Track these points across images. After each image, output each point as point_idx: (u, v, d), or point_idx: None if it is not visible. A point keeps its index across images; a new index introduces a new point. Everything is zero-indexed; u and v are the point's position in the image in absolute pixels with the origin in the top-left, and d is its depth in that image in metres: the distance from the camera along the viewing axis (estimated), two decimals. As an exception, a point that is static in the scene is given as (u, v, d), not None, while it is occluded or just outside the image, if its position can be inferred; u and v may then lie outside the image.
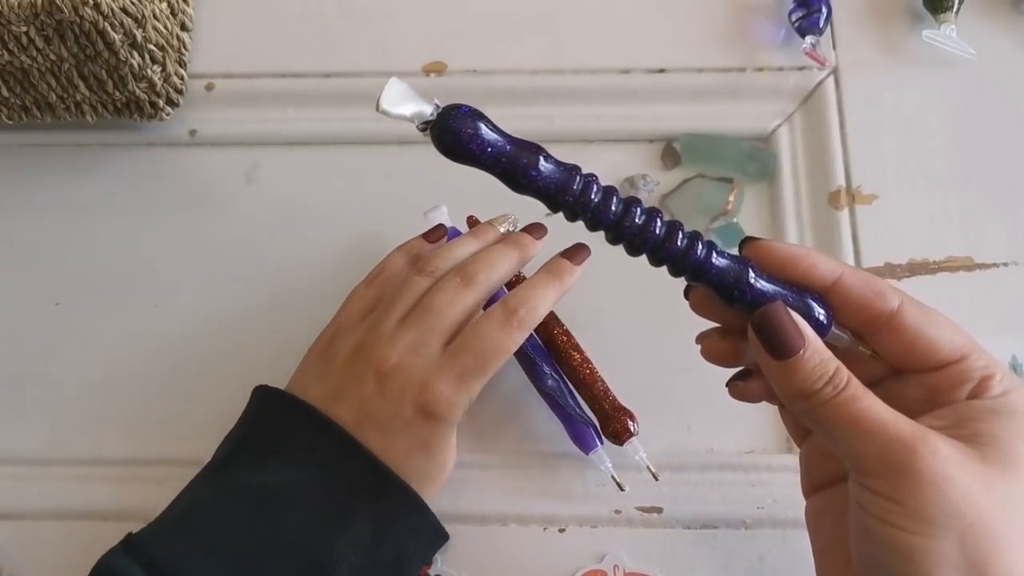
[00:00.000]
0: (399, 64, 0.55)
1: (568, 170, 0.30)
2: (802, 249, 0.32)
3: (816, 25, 0.52)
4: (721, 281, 0.30)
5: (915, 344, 0.30)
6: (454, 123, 0.29)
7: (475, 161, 0.29)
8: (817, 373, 0.29)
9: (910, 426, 0.28)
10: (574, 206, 0.30)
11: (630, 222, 0.30)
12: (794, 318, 0.30)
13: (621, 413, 0.45)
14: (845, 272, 0.31)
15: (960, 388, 0.30)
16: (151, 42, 0.49)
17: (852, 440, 0.29)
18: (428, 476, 0.40)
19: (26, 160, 0.55)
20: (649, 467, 0.44)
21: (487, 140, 0.29)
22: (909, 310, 0.30)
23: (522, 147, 0.30)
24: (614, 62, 0.54)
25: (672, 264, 0.31)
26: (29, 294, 0.52)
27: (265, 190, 0.54)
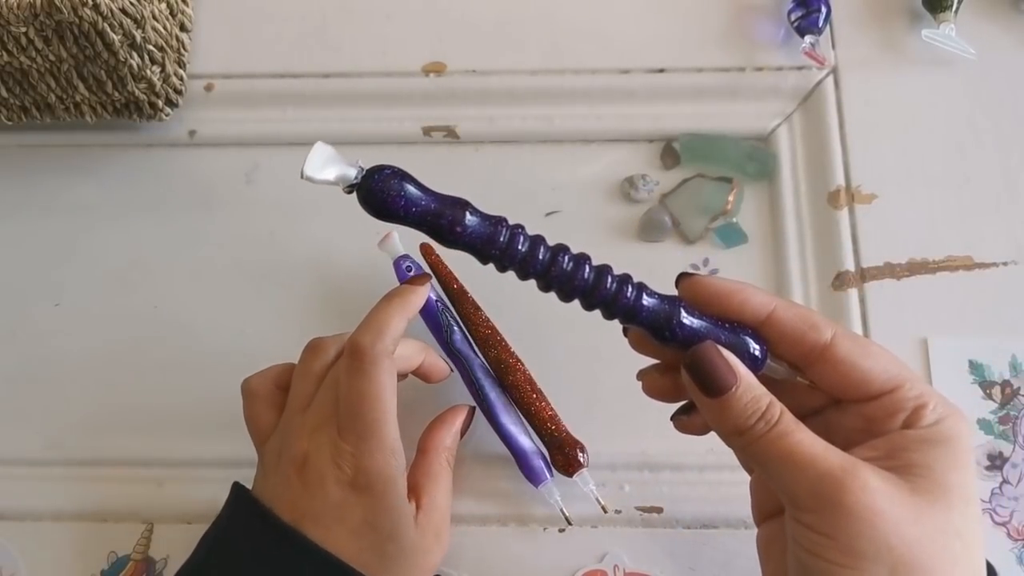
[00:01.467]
0: (399, 64, 0.55)
1: (494, 223, 0.30)
2: (735, 284, 0.32)
3: (815, 25, 0.52)
4: (653, 322, 0.31)
5: (849, 375, 0.30)
6: (377, 185, 0.30)
7: (401, 220, 0.30)
8: (749, 410, 0.30)
9: (840, 459, 0.28)
10: (502, 258, 0.31)
11: (558, 270, 0.30)
12: (725, 356, 0.30)
13: (572, 444, 0.45)
14: (779, 306, 0.31)
15: (894, 418, 0.30)
16: (150, 43, 0.49)
17: (784, 475, 0.29)
18: (387, 554, 0.38)
19: (25, 161, 0.55)
20: (598, 499, 0.44)
21: (411, 199, 0.30)
22: (842, 342, 0.31)
23: (447, 204, 0.30)
24: (614, 62, 0.54)
25: (603, 308, 0.31)
26: (29, 294, 0.52)
27: (264, 190, 0.54)
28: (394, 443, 0.38)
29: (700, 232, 0.51)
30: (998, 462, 0.46)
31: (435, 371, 0.45)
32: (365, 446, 0.37)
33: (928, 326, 0.48)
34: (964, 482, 0.29)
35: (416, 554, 0.39)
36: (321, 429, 0.38)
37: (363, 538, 0.37)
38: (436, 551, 0.40)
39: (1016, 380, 0.47)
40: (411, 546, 0.38)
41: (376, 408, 0.37)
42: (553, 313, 0.50)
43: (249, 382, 0.42)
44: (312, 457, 0.38)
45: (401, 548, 0.38)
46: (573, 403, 0.46)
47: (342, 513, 0.37)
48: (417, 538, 0.39)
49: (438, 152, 0.54)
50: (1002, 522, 0.45)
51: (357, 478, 0.37)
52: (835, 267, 0.49)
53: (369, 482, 0.37)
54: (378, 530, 0.37)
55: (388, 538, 0.38)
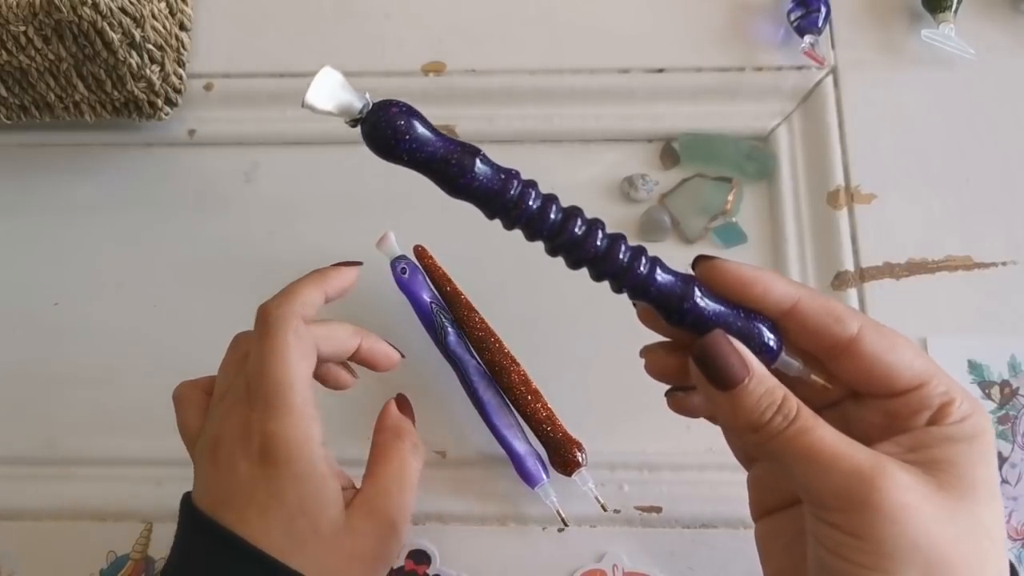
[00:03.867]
0: (398, 64, 0.55)
1: (507, 174, 0.28)
2: (757, 272, 0.30)
3: (815, 24, 0.52)
4: (664, 300, 0.29)
5: (874, 371, 0.29)
6: (385, 120, 0.27)
7: (408, 160, 0.28)
8: (764, 404, 0.28)
9: (867, 456, 0.27)
10: (511, 212, 0.28)
11: (568, 233, 0.28)
12: (737, 347, 0.29)
13: (569, 444, 0.45)
14: (802, 297, 0.30)
15: (919, 415, 0.29)
16: (150, 42, 0.49)
17: (806, 474, 0.27)
18: (297, 532, 0.34)
19: (25, 160, 0.55)
20: (598, 498, 0.44)
21: (421, 138, 0.28)
22: (868, 336, 0.29)
23: (458, 148, 0.28)
24: (613, 62, 0.54)
25: (613, 279, 0.29)
26: (28, 294, 0.52)
27: (264, 190, 0.54)
28: (303, 407, 0.34)
29: (700, 232, 0.51)
30: (997, 462, 0.46)
31: (380, 356, 0.40)
32: (271, 411, 0.34)
33: (927, 326, 0.48)
34: (990, 477, 0.28)
35: (339, 536, 0.34)
36: (233, 409, 0.36)
37: (270, 514, 0.34)
38: (375, 538, 0.36)
39: (1015, 380, 0.47)
40: (331, 525, 0.34)
41: (280, 368, 0.34)
42: (550, 313, 0.50)
43: (177, 389, 0.40)
44: (223, 438, 0.35)
45: (315, 526, 0.34)
46: (572, 402, 0.46)
47: (251, 490, 0.34)
48: (340, 517, 0.35)
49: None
50: (1001, 522, 0.45)
51: (264, 447, 0.34)
52: (834, 267, 0.49)
53: (275, 448, 0.34)
54: (285, 504, 0.34)
55: (298, 512, 0.34)
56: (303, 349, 0.35)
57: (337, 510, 0.35)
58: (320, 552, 0.34)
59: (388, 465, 0.38)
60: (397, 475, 0.38)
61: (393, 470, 0.38)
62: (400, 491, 0.37)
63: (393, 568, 0.45)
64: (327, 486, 0.35)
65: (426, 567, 0.45)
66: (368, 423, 0.42)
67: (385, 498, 0.37)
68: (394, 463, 0.38)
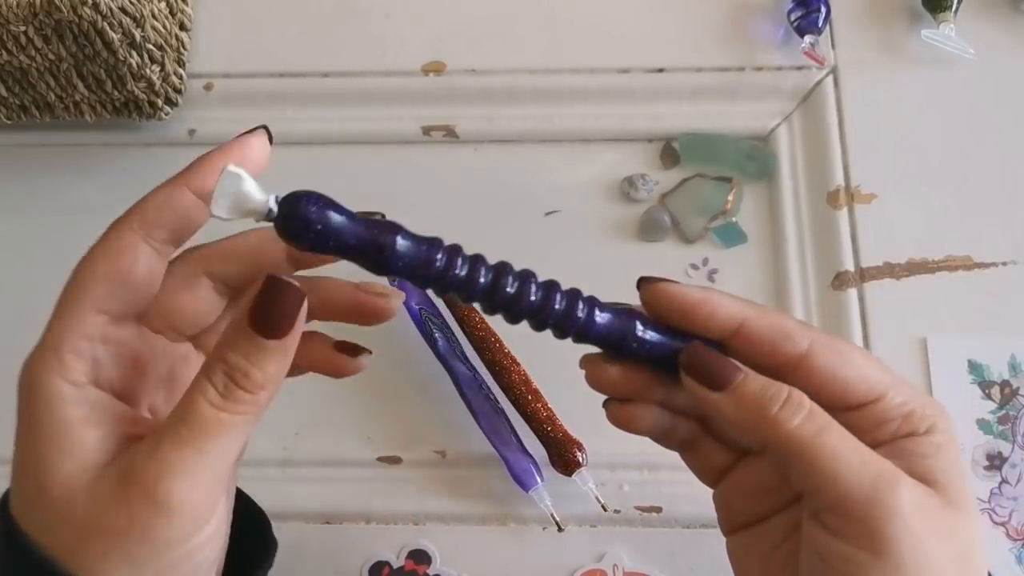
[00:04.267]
0: (398, 63, 0.55)
1: (429, 246, 0.28)
2: (702, 293, 0.29)
3: (815, 24, 0.52)
4: (607, 340, 0.29)
5: (828, 386, 0.28)
6: (298, 214, 0.26)
7: (327, 250, 0.27)
8: (767, 394, 0.28)
9: (879, 468, 0.27)
10: (439, 282, 0.28)
11: (501, 292, 0.28)
12: (718, 353, 0.29)
13: (569, 444, 0.45)
14: (749, 316, 0.29)
15: (882, 428, 0.28)
16: (150, 42, 0.49)
17: (824, 474, 0.27)
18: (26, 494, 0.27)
19: (25, 160, 0.55)
20: (598, 498, 0.44)
21: (336, 228, 0.27)
22: (820, 352, 0.28)
23: (376, 229, 0.27)
24: (613, 62, 0.54)
25: (553, 328, 0.29)
26: (28, 294, 0.52)
27: (264, 190, 0.54)
28: (83, 327, 0.27)
29: (699, 232, 0.51)
30: (997, 462, 0.46)
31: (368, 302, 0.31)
32: (50, 328, 0.28)
33: (927, 326, 0.48)
34: (971, 488, 0.28)
35: (73, 499, 0.26)
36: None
37: (13, 467, 0.27)
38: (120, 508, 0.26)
39: (1015, 380, 0.47)
40: (63, 485, 0.26)
41: (85, 270, 0.29)
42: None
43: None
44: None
45: (41, 484, 0.26)
46: (572, 402, 0.46)
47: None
48: (82, 475, 0.26)
49: (437, 152, 0.54)
50: (1001, 522, 0.45)
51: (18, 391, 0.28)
52: (835, 267, 0.49)
53: (21, 382, 0.27)
54: (18, 452, 0.27)
55: (24, 466, 0.27)
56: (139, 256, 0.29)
57: (77, 466, 0.26)
58: (48, 517, 0.26)
59: (174, 411, 0.26)
60: (176, 427, 0.26)
61: (175, 419, 0.26)
62: (174, 447, 0.26)
63: (393, 567, 0.45)
64: (68, 435, 0.26)
65: (426, 567, 0.45)
66: (349, 417, 0.42)
67: (148, 456, 0.26)
68: (182, 407, 0.26)
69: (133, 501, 0.26)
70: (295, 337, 0.27)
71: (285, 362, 0.27)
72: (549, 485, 0.45)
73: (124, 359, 0.28)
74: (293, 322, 0.26)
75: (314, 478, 0.47)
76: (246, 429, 0.27)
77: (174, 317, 0.30)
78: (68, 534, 0.26)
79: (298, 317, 0.26)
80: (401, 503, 0.47)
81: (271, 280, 0.26)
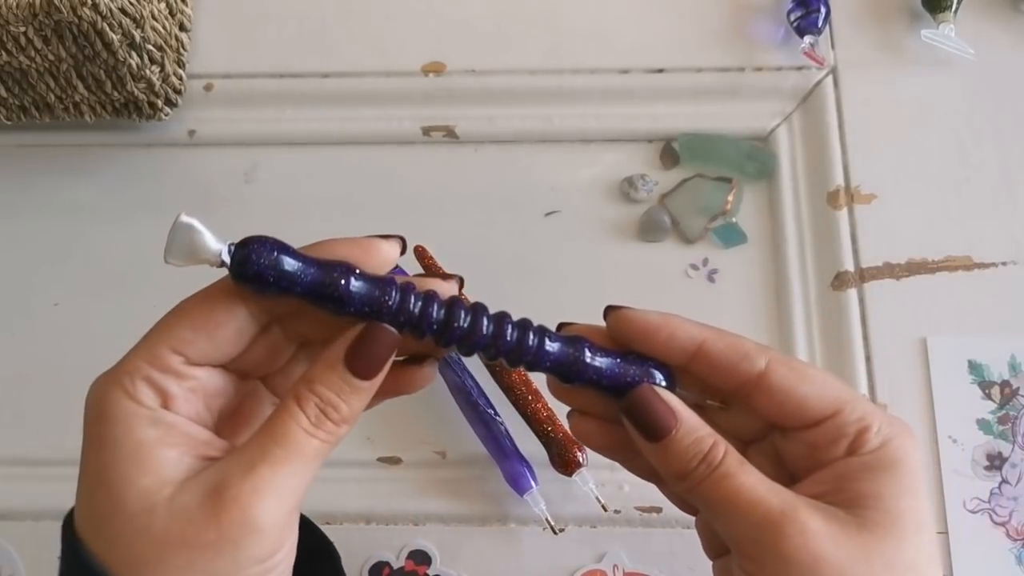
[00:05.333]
0: (398, 64, 0.55)
1: (382, 287, 0.28)
2: (661, 318, 0.30)
3: (815, 25, 0.52)
4: (557, 367, 0.30)
5: (785, 404, 0.29)
6: (251, 260, 0.27)
7: (281, 294, 0.28)
8: (691, 452, 0.28)
9: (779, 501, 0.27)
10: (394, 320, 0.29)
11: (454, 328, 0.29)
12: (664, 397, 0.29)
13: (570, 444, 0.45)
14: (708, 338, 0.30)
15: (837, 444, 0.28)
16: (149, 42, 0.49)
17: (726, 519, 0.28)
18: (98, 508, 0.27)
19: (25, 160, 0.55)
20: (598, 498, 0.44)
21: (289, 272, 0.27)
22: (777, 369, 0.29)
23: (330, 272, 0.28)
24: (613, 62, 0.54)
25: (506, 358, 0.30)
26: (28, 294, 0.52)
27: (264, 190, 0.54)
28: (157, 362, 0.28)
29: (699, 232, 0.51)
30: (997, 462, 0.46)
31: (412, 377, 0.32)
32: (125, 357, 0.28)
33: (927, 326, 0.48)
34: (915, 508, 0.27)
35: (152, 513, 0.26)
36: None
37: (80, 486, 0.28)
38: (206, 521, 0.26)
39: (1015, 380, 0.47)
40: (140, 500, 0.26)
41: (178, 310, 0.29)
42: (550, 313, 0.50)
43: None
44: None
45: (117, 499, 0.26)
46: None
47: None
48: (159, 491, 0.26)
49: (437, 152, 0.54)
50: (1001, 522, 0.45)
51: (85, 414, 0.29)
52: (834, 267, 0.49)
53: (90, 403, 0.29)
54: (86, 473, 0.28)
55: (97, 483, 0.27)
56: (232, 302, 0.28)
57: (155, 481, 0.26)
58: (123, 530, 0.26)
59: (264, 433, 0.28)
60: (270, 448, 0.27)
61: (268, 441, 0.27)
62: (270, 467, 0.27)
63: (393, 568, 0.45)
64: (144, 452, 0.27)
65: (426, 567, 0.45)
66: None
67: (244, 474, 0.26)
68: (275, 431, 0.27)
69: (224, 516, 0.26)
70: (381, 379, 0.29)
71: (366, 400, 0.29)
72: (549, 485, 0.45)
73: (197, 394, 0.29)
74: (383, 366, 0.28)
75: (314, 478, 0.47)
76: (325, 458, 0.29)
77: (247, 361, 0.30)
78: (146, 547, 0.26)
79: (388, 361, 0.29)
80: (401, 503, 0.47)
81: (372, 326, 0.28)
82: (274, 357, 0.31)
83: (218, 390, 0.30)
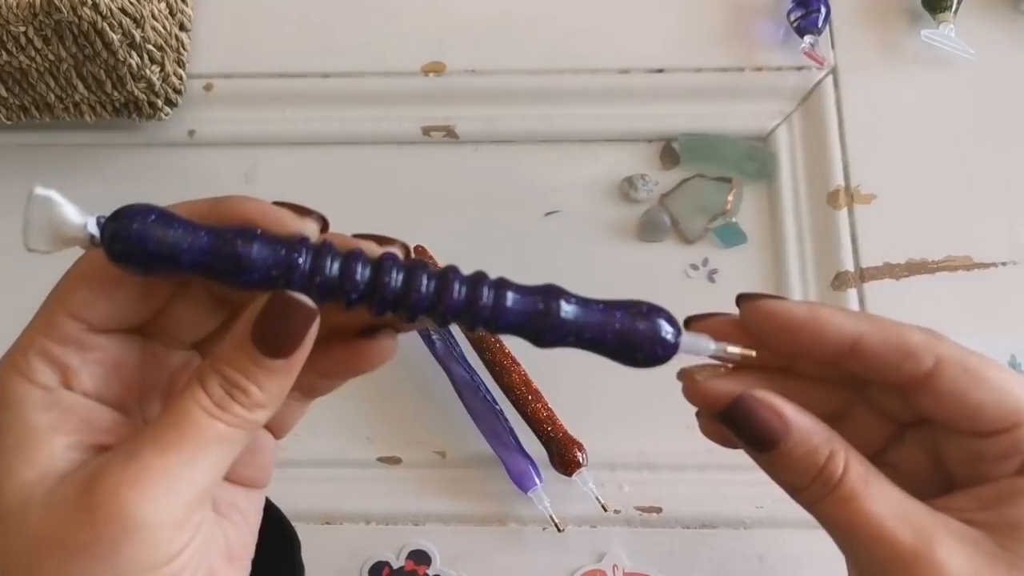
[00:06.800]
0: (398, 64, 0.54)
1: (289, 246, 0.24)
2: (808, 312, 0.26)
3: (815, 25, 0.52)
4: (524, 327, 0.25)
5: (955, 411, 0.25)
6: (124, 234, 0.23)
7: (170, 269, 0.23)
8: (803, 466, 0.25)
9: (912, 536, 0.23)
10: (308, 287, 0.23)
11: (385, 288, 0.24)
12: (770, 402, 0.25)
13: (570, 444, 0.45)
14: (864, 334, 0.26)
15: (1008, 461, 0.25)
16: (149, 42, 0.49)
17: (849, 549, 0.25)
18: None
19: (25, 160, 0.55)
20: (598, 498, 0.45)
21: (173, 243, 0.23)
22: (948, 371, 0.25)
23: (223, 237, 0.23)
24: (613, 62, 0.54)
25: (457, 319, 0.25)
26: (28, 295, 0.52)
27: (264, 190, 0.54)
28: (54, 331, 0.25)
29: (699, 232, 0.51)
30: None
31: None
32: (23, 332, 0.26)
33: (927, 326, 0.48)
34: None
35: (27, 509, 0.23)
36: None
37: None
38: (80, 520, 0.22)
39: (1015, 380, 0.47)
40: (19, 495, 0.23)
41: (69, 273, 0.26)
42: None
43: None
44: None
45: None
46: (572, 402, 0.46)
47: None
48: (40, 485, 0.23)
49: (437, 152, 0.54)
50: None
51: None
52: (834, 267, 0.49)
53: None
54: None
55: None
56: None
57: (37, 473, 0.23)
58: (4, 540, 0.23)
59: (160, 417, 0.24)
60: (164, 433, 0.23)
61: (164, 425, 0.23)
62: (158, 454, 0.23)
63: (393, 567, 0.45)
64: (32, 441, 0.23)
65: (426, 567, 0.45)
66: (349, 417, 0.42)
67: (124, 463, 0.23)
68: (172, 413, 0.23)
69: (99, 512, 0.22)
70: (302, 356, 0.24)
71: (288, 382, 0.24)
72: (549, 485, 0.45)
73: (107, 366, 0.25)
74: (300, 343, 0.24)
75: (314, 478, 0.47)
76: (238, 446, 0.24)
77: (168, 325, 0.27)
78: (19, 549, 0.22)
79: (306, 338, 0.24)
80: (401, 503, 0.47)
81: (278, 296, 0.23)
82: (202, 319, 0.27)
83: (134, 361, 0.26)
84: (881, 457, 0.28)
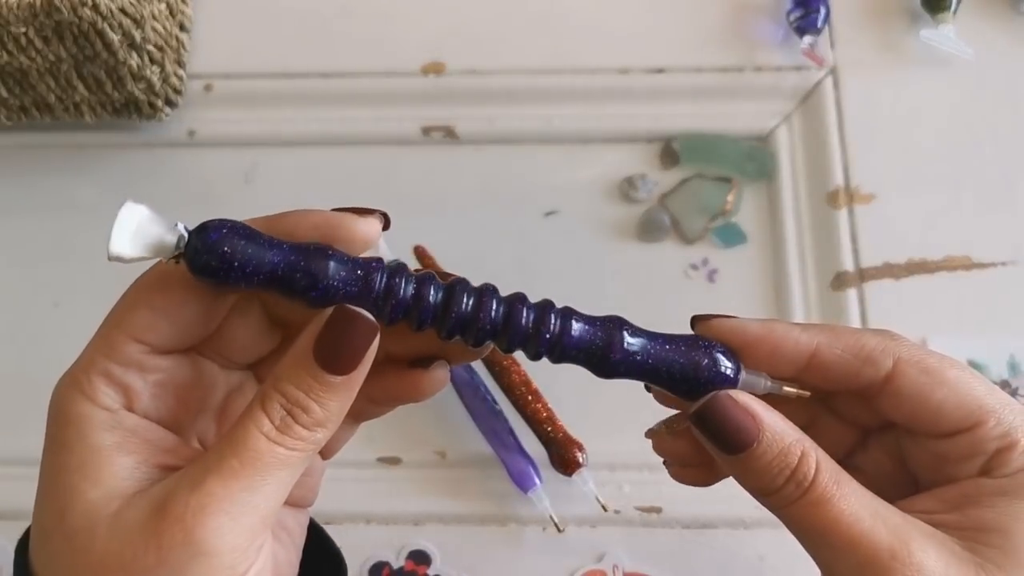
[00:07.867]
0: (398, 64, 0.55)
1: (366, 268, 0.24)
2: (761, 327, 0.26)
3: (814, 25, 0.52)
4: (588, 356, 0.25)
5: (917, 413, 0.25)
6: (208, 248, 0.24)
7: (247, 286, 0.24)
8: (776, 468, 0.24)
9: (887, 535, 0.23)
10: (383, 308, 0.24)
11: (456, 312, 0.24)
12: (743, 402, 0.25)
13: (570, 444, 0.45)
14: (820, 344, 0.25)
15: (971, 461, 0.24)
16: (149, 42, 0.49)
17: (821, 552, 0.24)
18: (44, 529, 0.26)
19: (25, 161, 0.55)
20: (598, 498, 0.44)
21: (255, 259, 0.23)
22: (907, 372, 0.25)
23: (303, 255, 0.24)
24: (613, 62, 0.54)
25: (524, 347, 0.25)
26: (28, 294, 0.52)
27: (264, 190, 0.54)
28: (115, 354, 0.25)
29: (699, 232, 0.51)
30: None
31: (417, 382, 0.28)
32: (82, 352, 0.26)
33: (927, 326, 0.48)
34: None
35: (93, 529, 0.23)
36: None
37: (36, 498, 0.26)
38: (147, 541, 0.23)
39: (1014, 380, 0.47)
40: (84, 514, 0.23)
41: (129, 294, 0.26)
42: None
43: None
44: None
45: (61, 512, 0.24)
46: (572, 402, 0.46)
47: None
48: (106, 505, 0.23)
49: (437, 152, 0.54)
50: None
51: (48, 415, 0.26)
52: (834, 267, 0.49)
53: (50, 405, 0.26)
54: (40, 479, 0.26)
55: (45, 494, 0.25)
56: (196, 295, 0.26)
57: (103, 494, 0.24)
58: (63, 549, 0.24)
59: (222, 441, 0.24)
60: (225, 459, 0.23)
61: (224, 450, 0.24)
62: (221, 481, 0.23)
63: (393, 568, 0.45)
64: (97, 461, 0.24)
65: (426, 567, 0.45)
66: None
67: (190, 490, 0.23)
68: (233, 438, 0.24)
69: (166, 537, 0.22)
70: (362, 373, 0.24)
71: (348, 399, 0.24)
72: (549, 485, 0.45)
73: (166, 387, 0.26)
74: (361, 358, 0.24)
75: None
76: (300, 468, 0.24)
77: (225, 346, 0.27)
78: (86, 568, 0.23)
79: (367, 353, 0.24)
80: (401, 503, 0.47)
81: (341, 310, 0.24)
82: (259, 340, 0.27)
83: (190, 382, 0.26)
84: (845, 461, 0.27)
